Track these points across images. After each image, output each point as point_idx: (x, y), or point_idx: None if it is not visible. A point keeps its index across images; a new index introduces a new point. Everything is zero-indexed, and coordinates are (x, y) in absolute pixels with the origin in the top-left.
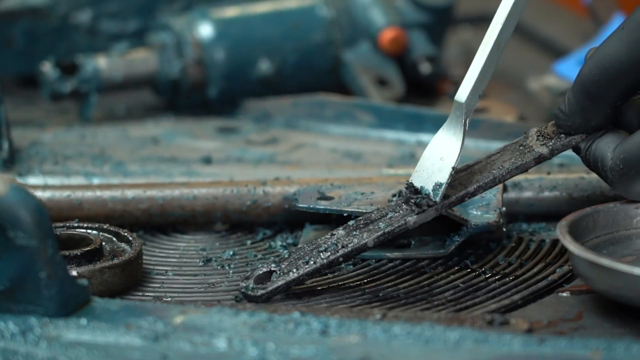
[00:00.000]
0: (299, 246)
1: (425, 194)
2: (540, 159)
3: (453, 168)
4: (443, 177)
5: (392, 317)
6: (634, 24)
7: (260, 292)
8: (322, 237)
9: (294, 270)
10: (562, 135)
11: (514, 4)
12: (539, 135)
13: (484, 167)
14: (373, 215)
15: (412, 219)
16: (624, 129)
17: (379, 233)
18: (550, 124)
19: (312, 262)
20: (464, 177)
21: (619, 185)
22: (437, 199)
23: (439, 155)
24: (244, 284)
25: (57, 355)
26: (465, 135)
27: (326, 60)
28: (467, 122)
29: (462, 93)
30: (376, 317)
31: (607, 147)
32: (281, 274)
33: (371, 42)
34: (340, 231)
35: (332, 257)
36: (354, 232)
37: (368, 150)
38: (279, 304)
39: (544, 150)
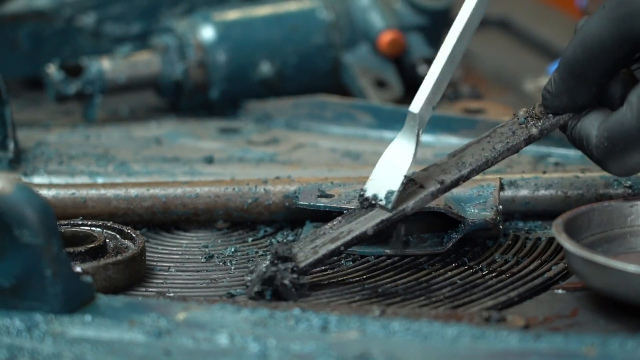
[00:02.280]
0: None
1: (379, 201)
2: (530, 140)
3: (405, 177)
4: (395, 185)
5: (391, 313)
6: (614, 2)
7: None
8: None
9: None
10: (550, 115)
11: (469, 19)
12: (527, 117)
13: (474, 151)
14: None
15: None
16: (607, 105)
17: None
18: (538, 104)
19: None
20: (456, 161)
21: (604, 163)
22: (390, 206)
23: (393, 164)
24: (249, 278)
25: (62, 351)
26: (418, 145)
27: (326, 62)
28: (421, 132)
29: (416, 104)
30: (375, 314)
31: (592, 125)
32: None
33: (370, 45)
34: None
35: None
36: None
37: (367, 150)
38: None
39: (533, 130)
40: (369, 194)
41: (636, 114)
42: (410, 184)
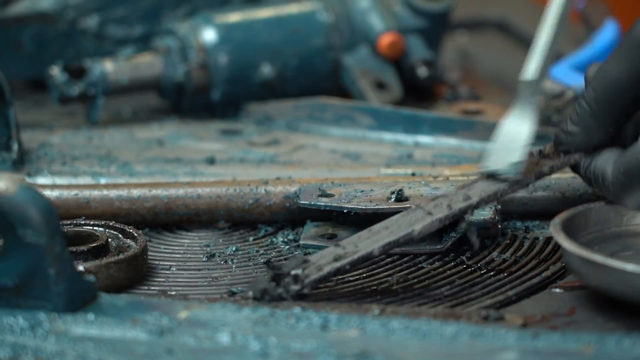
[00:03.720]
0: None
1: (501, 175)
2: (540, 175)
3: (526, 147)
4: (517, 155)
5: (391, 312)
6: (631, 41)
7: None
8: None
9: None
10: (562, 153)
11: None
12: (538, 155)
13: (484, 186)
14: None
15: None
16: (620, 145)
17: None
18: (549, 145)
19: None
20: (464, 193)
21: (621, 198)
22: (518, 177)
23: (511, 137)
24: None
25: (65, 349)
26: (536, 112)
27: (326, 64)
28: (537, 100)
29: (529, 71)
30: (375, 312)
31: (607, 162)
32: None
33: (370, 47)
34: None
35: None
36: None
37: (367, 151)
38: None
39: (544, 168)
40: (491, 169)
41: None
42: (419, 211)
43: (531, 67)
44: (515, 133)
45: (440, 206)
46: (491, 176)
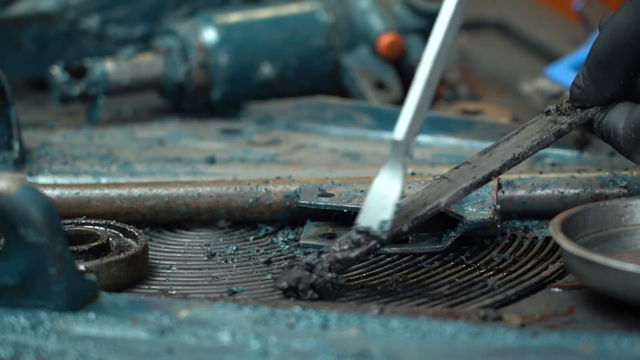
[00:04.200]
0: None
1: (373, 232)
2: (559, 134)
3: (396, 205)
4: (387, 214)
5: (390, 311)
6: None
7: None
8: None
9: None
10: (578, 110)
11: (442, 42)
12: (555, 112)
13: (505, 148)
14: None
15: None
16: (634, 99)
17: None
18: (565, 100)
19: None
20: (486, 158)
21: (631, 154)
22: (385, 236)
23: (382, 194)
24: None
25: (67, 348)
26: (405, 171)
27: (326, 64)
28: (408, 159)
29: (399, 132)
30: (374, 312)
31: (619, 117)
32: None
33: (370, 47)
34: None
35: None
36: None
37: (367, 151)
38: (280, 299)
39: (563, 125)
40: (362, 226)
41: None
42: (443, 180)
43: (401, 128)
44: (386, 191)
45: (464, 175)
46: (363, 233)
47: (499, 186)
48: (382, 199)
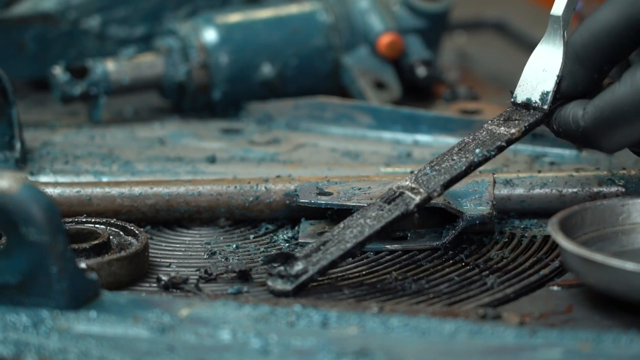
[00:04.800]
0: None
1: (534, 104)
2: (527, 130)
3: (558, 76)
4: (549, 85)
5: (390, 309)
6: None
7: (290, 285)
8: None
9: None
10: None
11: None
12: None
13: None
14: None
15: (412, 205)
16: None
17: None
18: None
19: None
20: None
21: (593, 137)
22: (546, 106)
23: (542, 68)
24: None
25: (68, 346)
26: (565, 45)
27: (326, 64)
28: (566, 33)
29: (558, 6)
30: (374, 310)
31: (579, 105)
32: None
33: (369, 47)
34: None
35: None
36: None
37: (366, 150)
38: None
39: (524, 122)
40: (520, 99)
41: (629, 88)
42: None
43: (560, 2)
44: (545, 64)
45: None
46: (523, 105)
47: (494, 182)
48: (541, 71)
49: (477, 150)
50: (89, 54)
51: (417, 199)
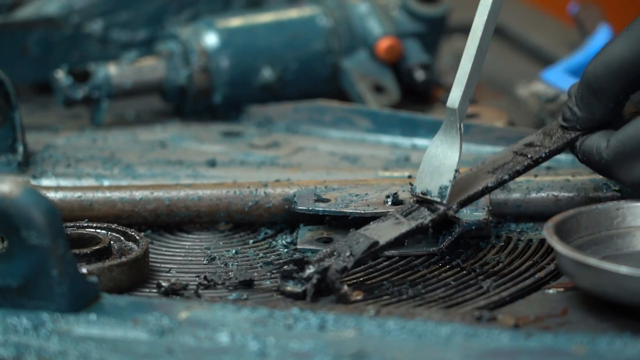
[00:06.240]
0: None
1: (432, 198)
2: (548, 155)
3: (456, 171)
4: (447, 180)
5: (386, 313)
6: (638, 23)
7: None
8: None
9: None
10: (566, 131)
11: (491, 10)
12: (544, 133)
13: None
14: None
15: (427, 220)
16: (618, 126)
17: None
18: (555, 123)
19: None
20: (468, 179)
21: (613, 169)
22: (444, 201)
23: (440, 161)
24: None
25: (68, 349)
26: (462, 138)
27: (325, 67)
28: (462, 126)
29: (454, 99)
30: (371, 313)
31: (602, 137)
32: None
33: (368, 51)
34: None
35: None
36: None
37: (365, 154)
38: (278, 300)
39: (550, 147)
40: (419, 190)
41: None
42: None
43: (455, 95)
44: (443, 157)
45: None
46: (421, 200)
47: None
48: (439, 165)
49: None
50: (91, 57)
51: (434, 215)
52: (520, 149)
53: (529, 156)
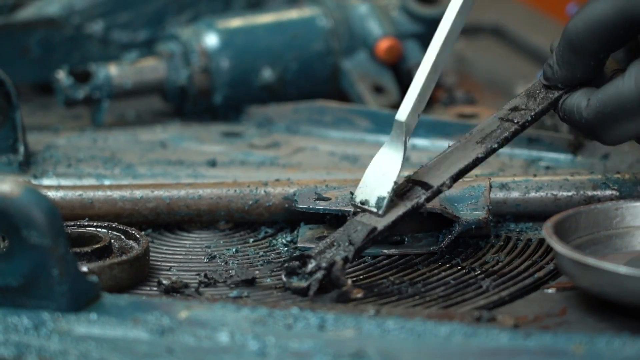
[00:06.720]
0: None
1: (369, 208)
2: (534, 118)
3: (395, 182)
4: (385, 191)
5: (386, 312)
6: None
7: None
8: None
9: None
10: (548, 90)
11: (450, 30)
12: (527, 95)
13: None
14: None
15: (422, 199)
16: (599, 84)
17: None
18: (537, 82)
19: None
20: (457, 152)
21: (594, 129)
22: (381, 212)
23: (381, 172)
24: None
25: (68, 348)
26: (405, 151)
27: (325, 68)
28: (408, 139)
29: (402, 112)
30: (370, 313)
31: (584, 95)
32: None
33: (368, 52)
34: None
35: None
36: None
37: (364, 154)
38: (278, 299)
39: (532, 110)
40: (358, 199)
41: (633, 84)
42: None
43: (405, 108)
44: (385, 168)
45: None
46: (359, 207)
47: (489, 187)
48: (380, 175)
49: None
50: (92, 58)
51: (428, 192)
52: (505, 115)
53: (515, 121)
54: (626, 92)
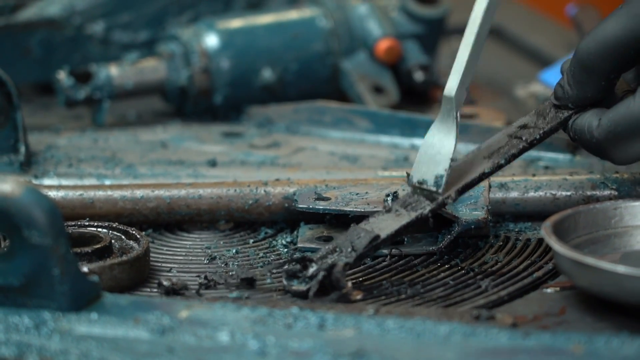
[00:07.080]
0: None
1: (428, 187)
2: (542, 137)
3: (451, 159)
4: (442, 169)
5: (385, 312)
6: (633, 3)
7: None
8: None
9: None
10: (558, 110)
11: (490, 1)
12: (537, 114)
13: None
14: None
15: (427, 210)
16: (610, 105)
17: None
18: (547, 102)
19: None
20: (464, 166)
21: (605, 149)
22: (440, 190)
23: (436, 150)
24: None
25: (69, 348)
26: (458, 127)
27: (325, 68)
28: (458, 114)
29: (451, 88)
30: (370, 312)
31: (594, 115)
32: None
33: (368, 52)
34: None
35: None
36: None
37: (364, 154)
38: (278, 299)
39: (539, 129)
40: (415, 179)
41: None
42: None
43: (452, 83)
44: (439, 146)
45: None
46: (417, 188)
47: (489, 187)
48: (435, 153)
49: None
50: (93, 58)
51: (433, 204)
52: (514, 132)
53: (523, 138)
54: (637, 112)
